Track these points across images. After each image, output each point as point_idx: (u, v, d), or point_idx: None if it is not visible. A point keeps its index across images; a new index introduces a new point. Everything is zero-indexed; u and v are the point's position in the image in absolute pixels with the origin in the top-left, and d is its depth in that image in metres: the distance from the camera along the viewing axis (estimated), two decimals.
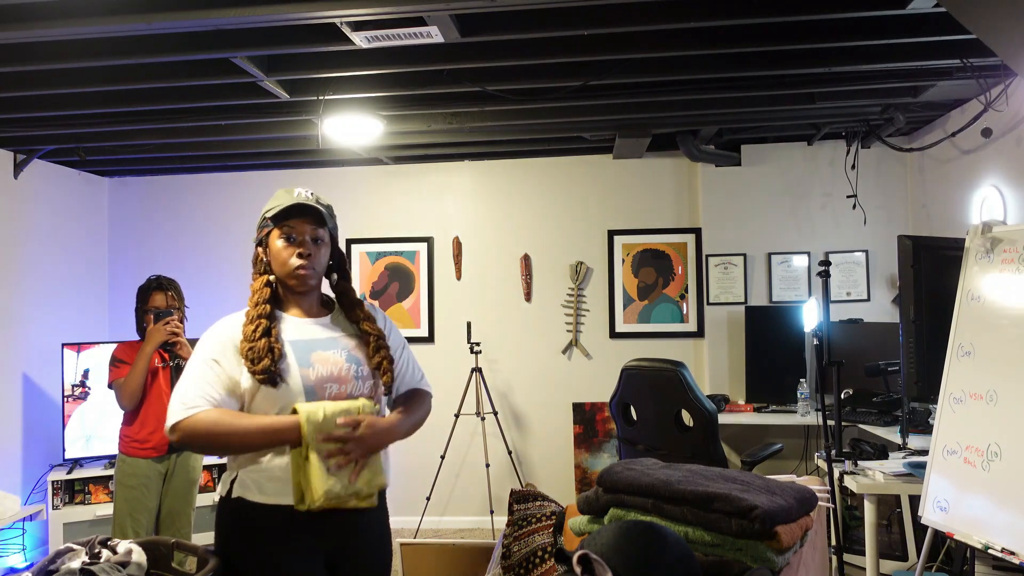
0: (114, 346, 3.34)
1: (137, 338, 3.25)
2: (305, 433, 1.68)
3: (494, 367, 5.19)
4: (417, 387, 2.04)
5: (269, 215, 1.83)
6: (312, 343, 1.82)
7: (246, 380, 1.74)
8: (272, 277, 1.85)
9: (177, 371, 3.20)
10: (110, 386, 3.20)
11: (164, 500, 3.21)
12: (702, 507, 1.55)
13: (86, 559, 1.58)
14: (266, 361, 1.71)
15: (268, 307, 1.80)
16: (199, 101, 3.67)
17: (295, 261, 1.80)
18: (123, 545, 1.65)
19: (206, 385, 1.73)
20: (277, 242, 1.82)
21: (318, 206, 1.83)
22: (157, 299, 3.22)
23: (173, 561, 1.79)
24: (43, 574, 1.55)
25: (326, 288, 1.98)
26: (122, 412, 3.19)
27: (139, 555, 1.63)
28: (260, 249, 1.87)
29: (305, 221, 1.82)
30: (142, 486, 3.12)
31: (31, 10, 2.60)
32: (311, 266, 1.82)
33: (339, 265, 1.96)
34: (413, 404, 1.97)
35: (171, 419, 1.70)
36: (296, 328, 1.84)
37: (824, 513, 2.07)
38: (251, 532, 1.74)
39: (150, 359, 3.12)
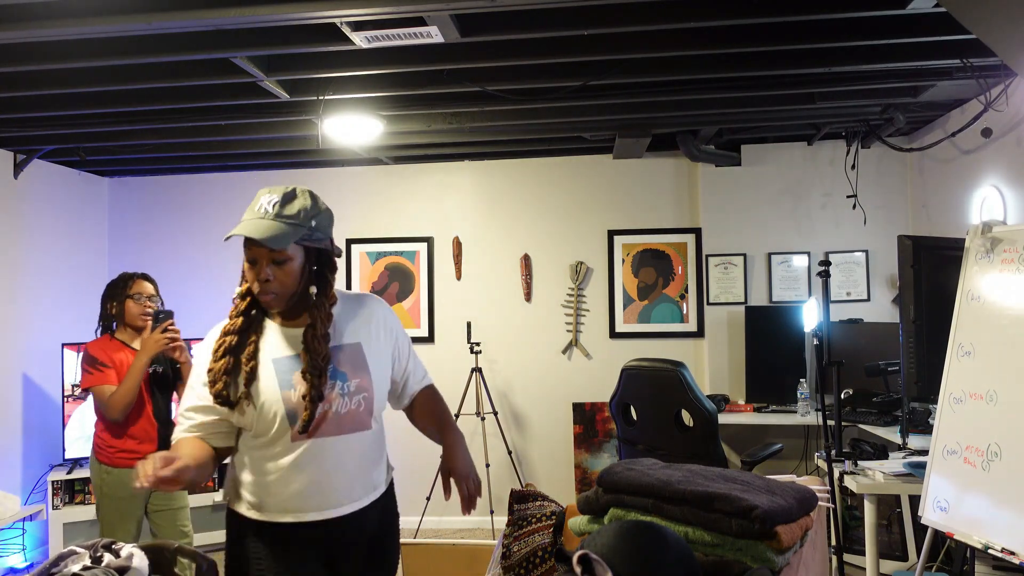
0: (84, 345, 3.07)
1: (103, 332, 3.04)
2: None
3: (494, 367, 5.19)
4: (427, 386, 2.05)
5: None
6: (295, 360, 1.70)
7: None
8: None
9: (155, 378, 3.01)
10: (86, 391, 2.96)
11: (149, 501, 3.07)
12: (702, 507, 1.55)
13: (88, 562, 1.58)
14: (219, 385, 1.67)
15: (241, 320, 1.73)
16: (199, 101, 3.67)
17: (256, 287, 1.69)
18: (126, 549, 1.64)
19: (194, 410, 1.74)
20: (245, 262, 1.72)
21: (259, 235, 1.61)
22: (146, 287, 3.01)
23: (176, 567, 1.79)
24: None
25: None
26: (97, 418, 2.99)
27: (140, 560, 1.62)
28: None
29: (261, 247, 1.65)
30: (131, 497, 2.95)
31: (31, 10, 2.60)
32: (272, 291, 1.68)
33: (312, 275, 1.75)
34: (446, 415, 2.04)
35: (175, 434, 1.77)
36: (278, 342, 1.74)
37: (824, 513, 2.07)
38: (251, 544, 1.74)
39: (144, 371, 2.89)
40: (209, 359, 1.71)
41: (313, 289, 1.75)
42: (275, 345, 1.74)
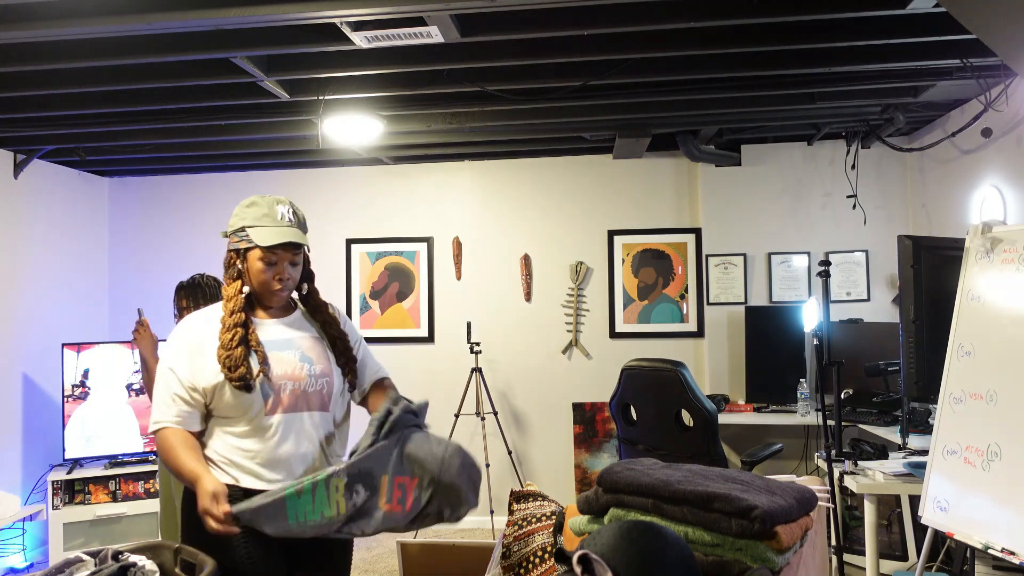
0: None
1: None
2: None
3: (494, 367, 5.18)
4: (382, 377, 2.18)
5: (258, 241, 1.88)
6: (270, 344, 1.92)
7: (209, 380, 1.83)
8: (245, 286, 1.95)
9: None
10: None
11: None
12: (702, 507, 1.55)
13: (93, 569, 1.57)
14: (242, 369, 1.81)
15: (243, 315, 1.89)
16: (199, 101, 3.67)
17: (276, 285, 1.92)
18: (133, 558, 1.64)
19: (170, 400, 1.85)
20: (258, 263, 1.90)
21: (302, 240, 1.91)
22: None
23: (177, 567, 1.79)
24: None
25: None
26: None
27: (149, 568, 1.62)
28: (235, 255, 1.94)
29: (289, 250, 1.91)
30: None
31: (31, 10, 2.60)
32: (288, 287, 1.96)
33: (307, 274, 2.05)
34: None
35: (150, 428, 1.90)
36: (271, 330, 1.96)
37: (824, 513, 2.08)
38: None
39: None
40: (200, 343, 1.87)
41: (304, 286, 2.05)
42: (270, 333, 1.95)
